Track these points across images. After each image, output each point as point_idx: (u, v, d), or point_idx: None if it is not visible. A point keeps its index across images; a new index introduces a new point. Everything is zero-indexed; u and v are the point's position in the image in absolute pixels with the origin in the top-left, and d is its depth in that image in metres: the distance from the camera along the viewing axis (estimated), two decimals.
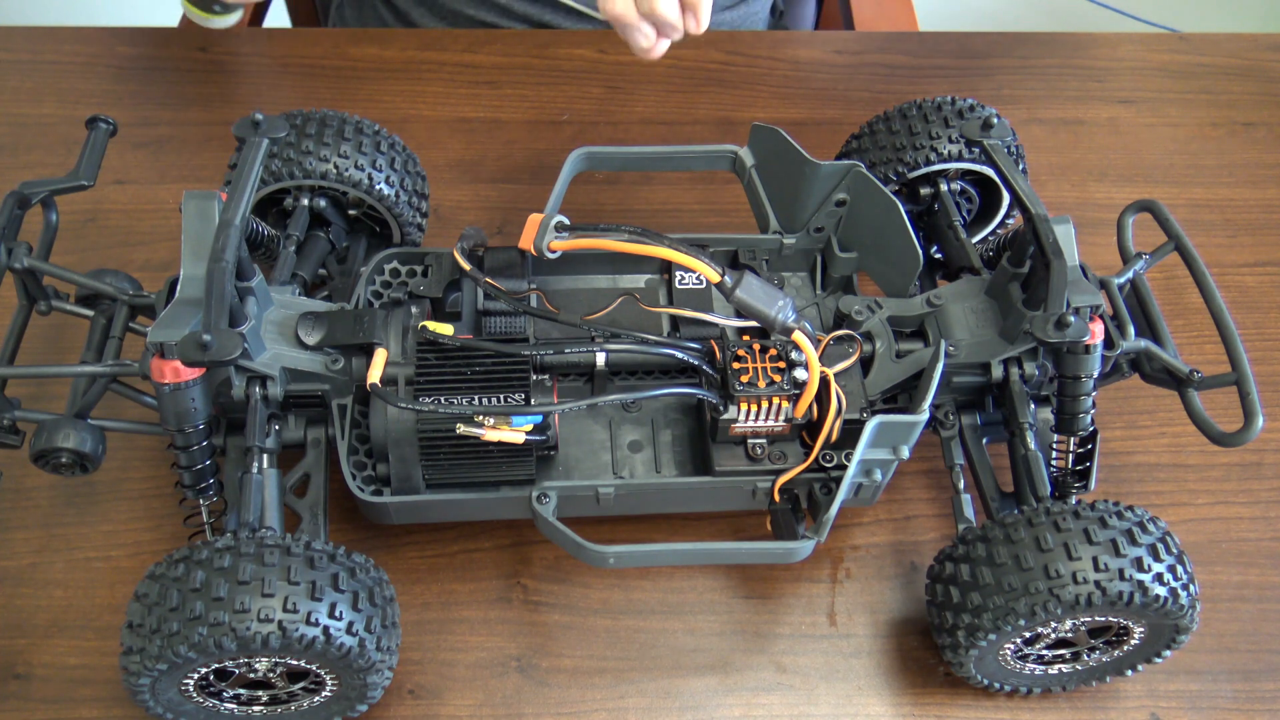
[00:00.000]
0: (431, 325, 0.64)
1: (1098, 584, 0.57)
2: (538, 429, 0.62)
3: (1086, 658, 0.65)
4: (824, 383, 0.64)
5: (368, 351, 0.64)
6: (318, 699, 0.61)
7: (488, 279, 0.66)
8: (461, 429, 0.60)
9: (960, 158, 0.76)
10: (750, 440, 0.66)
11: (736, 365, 0.64)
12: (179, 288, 0.61)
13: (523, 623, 0.69)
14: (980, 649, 0.61)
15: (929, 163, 0.76)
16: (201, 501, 0.63)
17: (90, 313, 0.67)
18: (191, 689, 0.58)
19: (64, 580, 0.69)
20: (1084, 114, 1.00)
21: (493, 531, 0.72)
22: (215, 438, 0.64)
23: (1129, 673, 0.66)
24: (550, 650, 0.68)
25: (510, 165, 0.93)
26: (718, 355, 0.65)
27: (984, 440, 0.71)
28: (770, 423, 0.65)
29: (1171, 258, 0.72)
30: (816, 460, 0.65)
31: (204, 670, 0.57)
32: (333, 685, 0.60)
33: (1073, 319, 0.61)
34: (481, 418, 0.60)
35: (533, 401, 0.62)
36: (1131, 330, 0.69)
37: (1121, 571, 0.58)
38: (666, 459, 0.69)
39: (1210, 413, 0.67)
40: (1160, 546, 0.59)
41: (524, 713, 0.66)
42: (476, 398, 0.62)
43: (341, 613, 0.56)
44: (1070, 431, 0.67)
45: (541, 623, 0.69)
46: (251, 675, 0.58)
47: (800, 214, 0.74)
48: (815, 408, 0.65)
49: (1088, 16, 1.83)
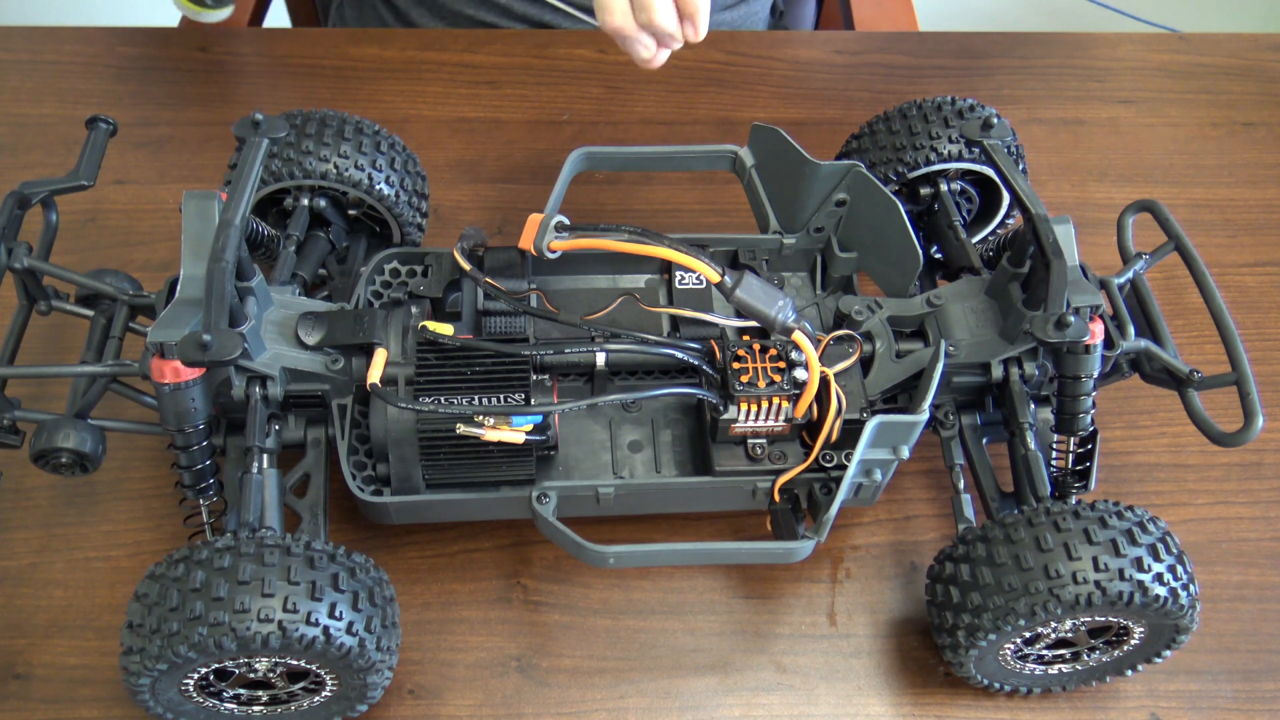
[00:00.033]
0: (431, 325, 0.64)
1: (1098, 584, 0.57)
2: (538, 429, 0.62)
3: (1086, 658, 0.65)
4: (824, 383, 0.64)
5: (368, 351, 0.64)
6: (318, 699, 0.61)
7: (488, 279, 0.66)
8: (461, 429, 0.60)
9: (960, 158, 0.76)
10: (750, 440, 0.66)
11: (736, 365, 0.64)
12: (179, 288, 0.61)
13: (523, 623, 0.69)
14: (980, 649, 0.61)
15: (929, 163, 0.76)
16: (201, 501, 0.63)
17: (90, 313, 0.67)
18: (191, 689, 0.58)
19: (64, 580, 0.69)
20: (1084, 114, 1.00)
21: (493, 531, 0.72)
22: (215, 438, 0.64)
23: (1129, 673, 0.66)
24: (550, 650, 0.68)
25: (510, 165, 0.93)
26: (718, 355, 0.65)
27: (984, 440, 0.71)
28: (770, 423, 0.65)
29: (1171, 258, 0.72)
30: (816, 460, 0.65)
31: (204, 670, 0.57)
32: (333, 685, 0.60)
33: (1073, 319, 0.61)
34: (481, 418, 0.60)
35: (533, 401, 0.62)
36: (1131, 330, 0.69)
37: (1121, 571, 0.58)
38: (666, 459, 0.69)
39: (1210, 413, 0.67)
40: (1160, 546, 0.59)
41: (524, 713, 0.66)
42: (476, 398, 0.62)
43: (341, 613, 0.56)
44: (1070, 431, 0.67)
45: (541, 623, 0.69)
46: (251, 675, 0.58)
47: (800, 214, 0.74)
48: (815, 408, 0.65)
49: (1088, 16, 1.83)
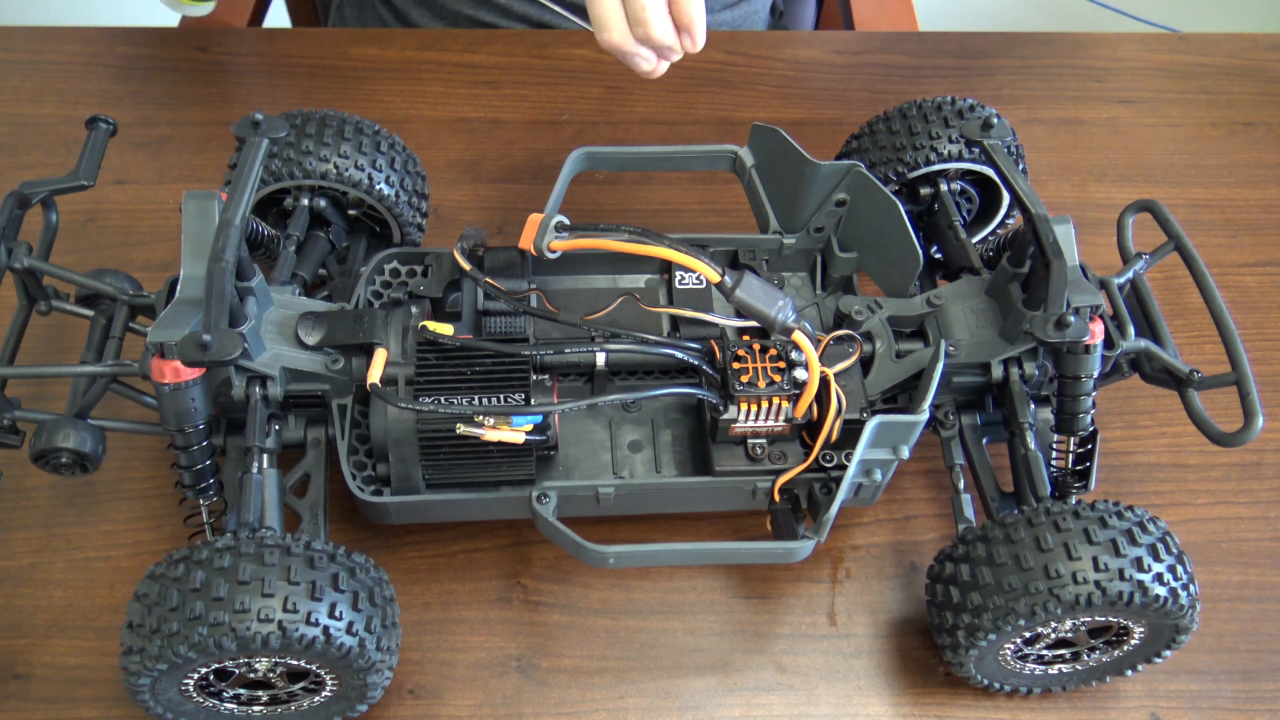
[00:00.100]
0: (431, 325, 0.64)
1: (1098, 584, 0.57)
2: (538, 429, 0.62)
3: (1086, 658, 0.65)
4: (824, 383, 0.64)
5: (368, 351, 0.64)
6: (318, 699, 0.61)
7: (488, 279, 0.66)
8: (461, 429, 0.60)
9: (960, 158, 0.76)
10: (750, 440, 0.66)
11: (736, 365, 0.64)
12: (179, 288, 0.61)
13: (523, 623, 0.69)
14: (980, 649, 0.61)
15: (929, 163, 0.76)
16: (201, 501, 0.63)
17: (90, 313, 0.67)
18: (191, 689, 0.58)
19: (64, 580, 0.69)
20: (1084, 114, 1.00)
21: (493, 531, 0.72)
22: (215, 438, 0.64)
23: (1129, 673, 0.66)
24: (550, 650, 0.68)
25: (510, 165, 0.93)
26: (718, 355, 0.65)
27: (984, 440, 0.71)
28: (770, 423, 0.65)
29: (1171, 258, 0.72)
30: (816, 460, 0.65)
31: (204, 670, 0.57)
32: (333, 685, 0.60)
33: (1073, 319, 0.61)
34: (481, 418, 0.60)
35: (533, 401, 0.62)
36: (1131, 330, 0.69)
37: (1121, 571, 0.58)
38: (666, 459, 0.69)
39: (1210, 413, 0.67)
40: (1160, 546, 0.59)
41: (524, 713, 0.66)
42: (476, 398, 0.62)
43: (341, 613, 0.56)
44: (1070, 431, 0.67)
45: (541, 623, 0.69)
46: (251, 675, 0.58)
47: (800, 214, 0.74)
48: (815, 408, 0.65)
49: (1088, 16, 1.82)
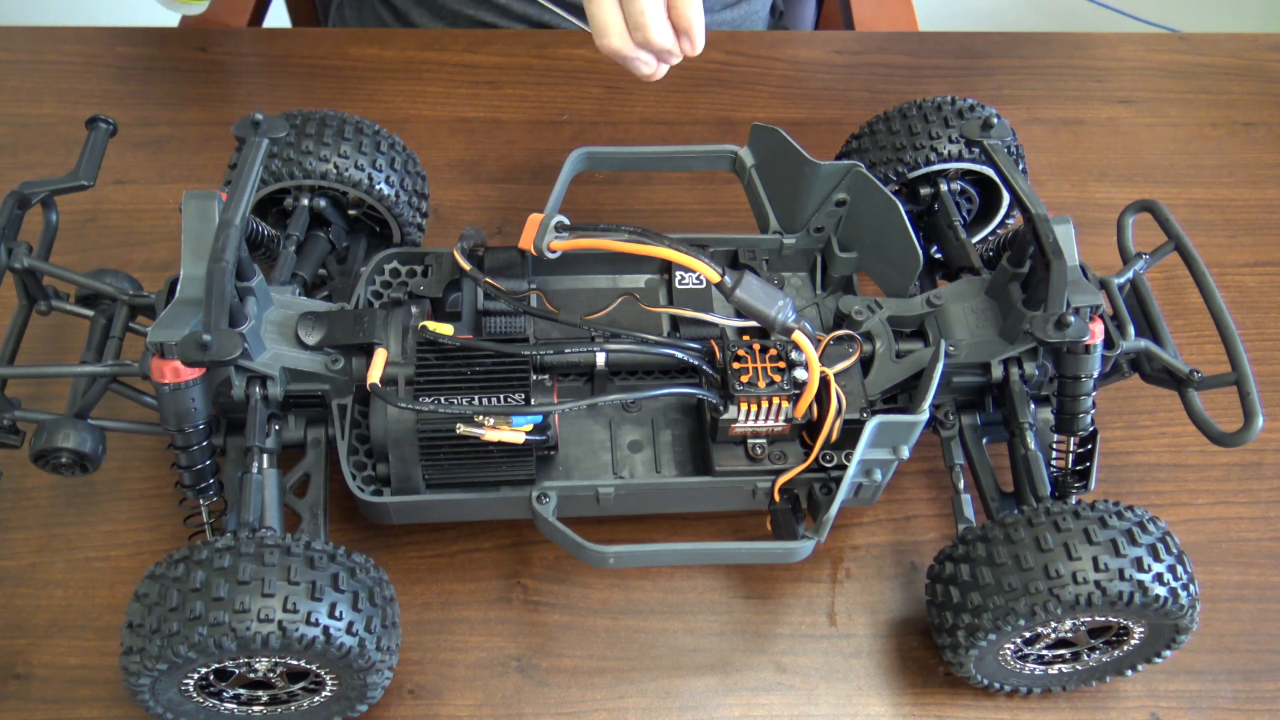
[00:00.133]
0: (431, 325, 0.64)
1: (1098, 584, 0.57)
2: (538, 429, 0.62)
3: (1086, 658, 0.65)
4: (824, 383, 0.64)
5: (368, 351, 0.64)
6: (318, 699, 0.61)
7: (488, 279, 0.66)
8: (461, 429, 0.60)
9: (960, 158, 0.76)
10: (750, 440, 0.66)
11: (736, 365, 0.64)
12: (179, 288, 0.61)
13: (523, 623, 0.69)
14: (980, 649, 0.61)
15: (929, 163, 0.76)
16: (201, 501, 0.63)
17: (90, 313, 0.67)
18: (191, 689, 0.58)
19: (64, 580, 0.69)
20: (1084, 114, 1.00)
21: (493, 531, 0.72)
22: (215, 438, 0.64)
23: (1129, 673, 0.66)
24: (550, 650, 0.68)
25: (510, 165, 0.93)
26: (718, 355, 0.65)
27: (984, 440, 0.71)
28: (770, 423, 0.65)
29: (1171, 258, 0.72)
30: (816, 460, 0.65)
31: (204, 670, 0.57)
32: (333, 685, 0.60)
33: (1073, 319, 0.61)
34: (481, 418, 0.60)
35: (533, 401, 0.62)
36: (1131, 330, 0.69)
37: (1121, 571, 0.58)
38: (666, 459, 0.69)
39: (1210, 413, 0.67)
40: (1160, 546, 0.59)
41: (524, 713, 0.66)
42: (476, 398, 0.62)
43: (341, 613, 0.56)
44: (1070, 431, 0.67)
45: (541, 623, 0.69)
46: (251, 675, 0.58)
47: (800, 214, 0.74)
48: (815, 408, 0.65)
49: (1088, 16, 1.83)
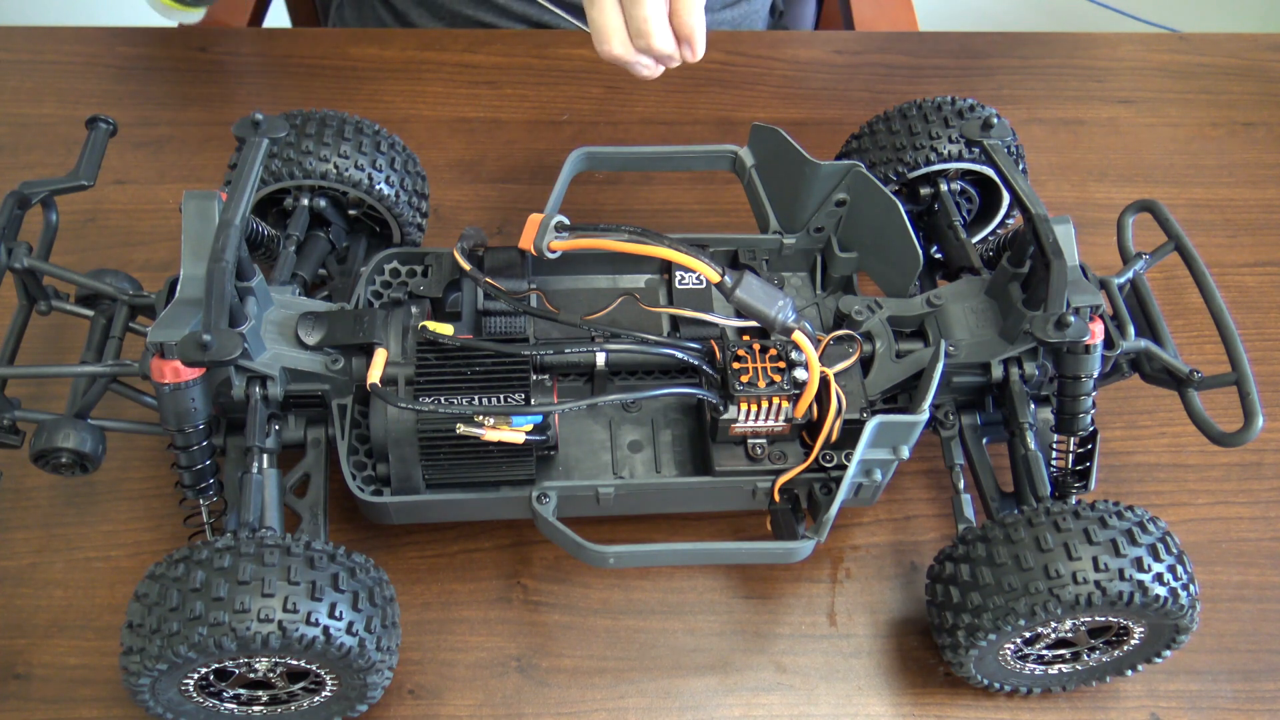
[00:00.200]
0: (431, 325, 0.64)
1: (1098, 584, 0.57)
2: (538, 429, 0.62)
3: (1086, 658, 0.65)
4: (824, 383, 0.64)
5: (368, 351, 0.64)
6: (318, 699, 0.61)
7: (488, 279, 0.66)
8: (461, 429, 0.60)
9: (960, 158, 0.76)
10: (750, 440, 0.66)
11: (736, 365, 0.64)
12: (179, 288, 0.61)
13: (523, 623, 0.69)
14: (980, 649, 0.61)
15: (929, 163, 0.76)
16: (201, 501, 0.63)
17: (90, 313, 0.67)
18: (191, 689, 0.58)
19: (64, 580, 0.69)
20: (1084, 114, 1.00)
21: (493, 531, 0.72)
22: (215, 438, 0.64)
23: (1129, 673, 0.66)
24: (550, 650, 0.68)
25: (510, 165, 0.93)
26: (718, 355, 0.65)
27: (984, 440, 0.71)
28: (770, 423, 0.65)
29: (1171, 258, 0.72)
30: (816, 460, 0.65)
31: (204, 670, 0.57)
32: (333, 685, 0.60)
33: (1073, 319, 0.61)
34: (481, 418, 0.60)
35: (533, 401, 0.62)
36: (1131, 330, 0.69)
37: (1121, 571, 0.58)
38: (666, 459, 0.69)
39: (1210, 413, 0.67)
40: (1160, 546, 0.59)
41: (524, 713, 0.66)
42: (476, 398, 0.62)
43: (341, 613, 0.56)
44: (1070, 431, 0.67)
45: (541, 623, 0.69)
46: (251, 675, 0.58)
47: (800, 214, 0.74)
48: (815, 408, 0.65)
49: (1088, 16, 1.83)
